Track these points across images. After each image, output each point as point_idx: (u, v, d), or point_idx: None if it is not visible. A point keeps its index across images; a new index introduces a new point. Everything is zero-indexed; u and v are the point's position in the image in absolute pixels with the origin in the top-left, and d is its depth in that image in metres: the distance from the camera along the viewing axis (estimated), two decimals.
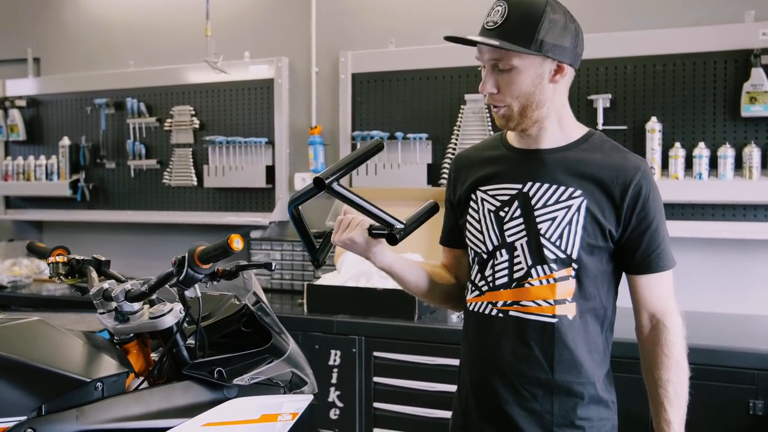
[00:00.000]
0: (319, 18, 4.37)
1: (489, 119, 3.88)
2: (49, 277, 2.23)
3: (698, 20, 3.57)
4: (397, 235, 1.75)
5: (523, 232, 1.76)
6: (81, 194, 4.94)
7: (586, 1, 3.67)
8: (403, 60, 4.12)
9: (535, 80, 1.72)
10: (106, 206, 4.94)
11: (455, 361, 1.97)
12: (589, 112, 3.62)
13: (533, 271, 1.75)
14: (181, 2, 4.72)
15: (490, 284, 1.80)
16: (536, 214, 1.75)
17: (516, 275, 1.76)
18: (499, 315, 1.78)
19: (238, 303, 2.02)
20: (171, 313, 1.81)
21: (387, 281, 3.32)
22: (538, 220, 1.75)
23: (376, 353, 3.36)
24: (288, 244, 4.30)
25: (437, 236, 2.03)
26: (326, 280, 3.73)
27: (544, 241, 1.73)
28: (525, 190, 1.77)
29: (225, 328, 1.98)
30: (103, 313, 1.88)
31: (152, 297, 1.89)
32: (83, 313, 2.20)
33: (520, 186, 1.78)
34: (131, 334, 1.86)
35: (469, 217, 1.85)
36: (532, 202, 1.76)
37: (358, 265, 3.57)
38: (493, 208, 1.81)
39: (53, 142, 5.04)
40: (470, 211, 1.85)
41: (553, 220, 1.74)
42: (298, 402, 1.98)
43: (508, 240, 1.77)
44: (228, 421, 1.78)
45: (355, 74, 4.22)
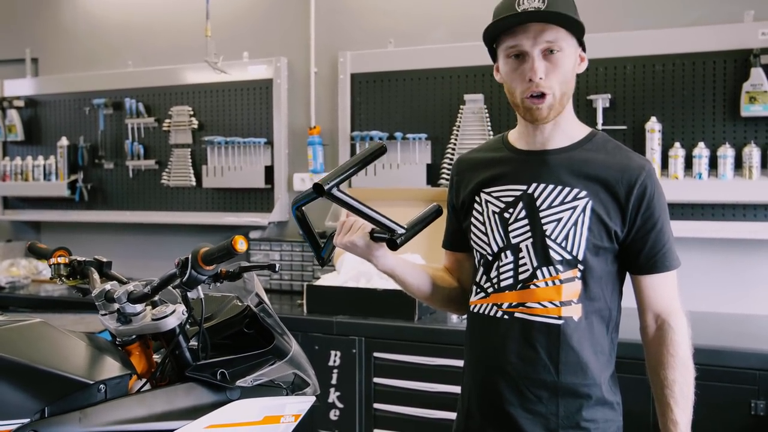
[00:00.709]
0: (318, 18, 4.37)
1: (488, 119, 3.88)
2: (50, 279, 2.22)
3: (697, 20, 3.57)
4: (398, 240, 1.74)
5: (528, 234, 1.75)
6: (79, 195, 4.93)
7: (586, 1, 3.66)
8: (403, 60, 4.11)
9: (573, 65, 1.71)
10: (105, 207, 4.93)
11: (455, 362, 1.97)
12: (589, 112, 3.62)
13: (539, 273, 1.73)
14: (179, 2, 4.72)
15: (495, 286, 1.78)
16: (541, 215, 1.74)
17: (521, 277, 1.75)
18: (504, 317, 1.77)
19: (241, 304, 2.01)
20: (174, 315, 1.79)
21: (387, 282, 3.30)
22: (543, 221, 1.73)
23: (376, 354, 3.36)
24: (287, 244, 4.30)
25: (439, 238, 2.03)
26: (326, 280, 3.72)
27: (549, 243, 1.72)
28: (530, 191, 1.76)
29: (227, 330, 1.97)
30: (105, 314, 1.86)
31: (154, 298, 1.88)
32: (82, 314, 2.20)
33: (524, 187, 1.77)
34: (134, 336, 1.85)
35: (473, 219, 1.84)
36: (537, 203, 1.75)
37: (357, 266, 3.56)
38: (497, 210, 1.79)
39: (51, 143, 5.03)
40: (474, 213, 1.84)
41: (559, 221, 1.72)
42: (301, 403, 1.97)
43: (513, 241, 1.76)
44: (231, 423, 1.77)
45: (354, 74, 4.22)
